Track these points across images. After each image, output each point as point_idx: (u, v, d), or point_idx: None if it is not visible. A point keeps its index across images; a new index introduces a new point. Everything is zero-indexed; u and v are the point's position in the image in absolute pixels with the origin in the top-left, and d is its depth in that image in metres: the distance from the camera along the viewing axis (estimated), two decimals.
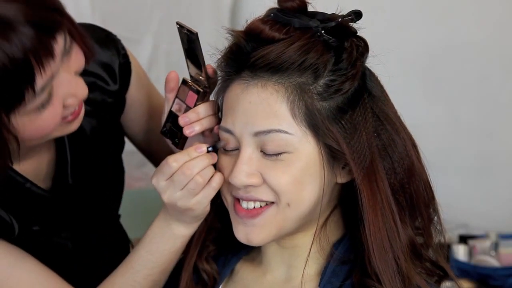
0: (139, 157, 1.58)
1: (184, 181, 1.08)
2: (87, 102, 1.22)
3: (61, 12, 1.08)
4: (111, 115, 1.38)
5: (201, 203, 1.10)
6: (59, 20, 1.06)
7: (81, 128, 1.28)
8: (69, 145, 1.29)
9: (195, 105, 1.14)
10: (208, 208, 1.12)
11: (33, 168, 1.25)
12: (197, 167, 1.08)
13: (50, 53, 1.04)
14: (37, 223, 1.27)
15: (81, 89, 1.14)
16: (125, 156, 1.51)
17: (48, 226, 1.28)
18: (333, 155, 1.04)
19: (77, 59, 1.12)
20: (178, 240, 1.16)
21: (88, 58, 1.14)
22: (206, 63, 1.13)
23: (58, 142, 1.29)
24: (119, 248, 1.48)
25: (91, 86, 1.31)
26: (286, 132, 1.02)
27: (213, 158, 1.10)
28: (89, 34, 1.30)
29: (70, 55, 1.10)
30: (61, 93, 1.10)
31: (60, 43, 1.06)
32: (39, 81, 1.04)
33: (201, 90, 1.14)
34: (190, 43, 1.12)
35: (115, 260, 1.25)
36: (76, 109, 1.15)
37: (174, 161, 1.08)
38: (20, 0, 1.02)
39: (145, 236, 1.18)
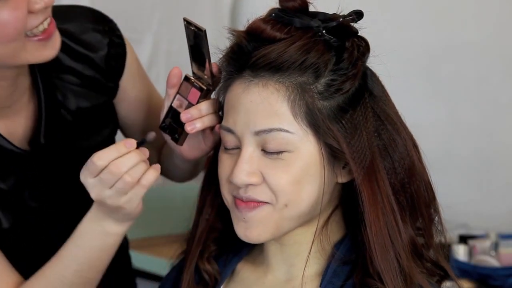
0: None
1: (112, 180, 1.07)
2: (76, 73, 1.20)
3: None
4: (102, 94, 1.35)
5: (131, 201, 1.09)
6: None
7: (63, 93, 1.26)
8: (45, 103, 1.25)
9: (197, 102, 1.14)
10: (140, 207, 1.11)
11: (8, 127, 1.22)
12: (125, 165, 1.07)
13: None
14: (4, 180, 1.23)
15: None
16: None
17: (16, 186, 1.24)
18: (333, 155, 1.04)
19: None
20: (110, 237, 1.15)
21: None
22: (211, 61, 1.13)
23: (37, 106, 1.25)
24: None
25: (82, 58, 1.28)
26: (287, 131, 1.03)
27: (144, 153, 1.09)
28: (81, 15, 1.30)
29: None
30: None
31: None
32: None
33: (205, 88, 1.14)
34: (196, 40, 1.12)
35: None
36: (46, 27, 1.11)
37: (99, 159, 1.07)
38: None
39: (76, 231, 1.17)
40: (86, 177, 1.09)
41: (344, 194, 1.11)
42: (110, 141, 1.40)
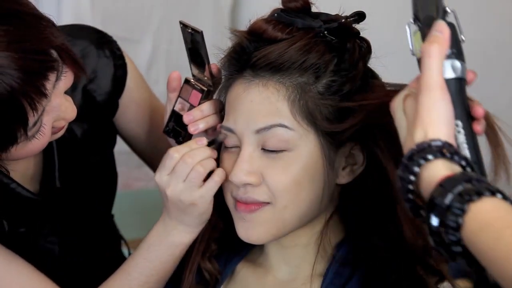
0: None
1: (186, 170, 1.07)
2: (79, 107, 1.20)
3: (54, 45, 1.03)
4: (103, 116, 1.36)
5: (205, 197, 1.09)
6: (52, 60, 1.03)
7: (72, 132, 1.27)
8: (57, 149, 1.26)
9: (199, 104, 1.15)
10: (211, 207, 1.11)
11: (19, 170, 1.22)
12: (198, 156, 1.08)
13: (42, 93, 1.01)
14: (23, 225, 1.25)
15: (70, 113, 1.12)
16: (125, 156, 1.51)
17: (34, 229, 1.27)
18: (336, 145, 1.04)
19: (67, 80, 1.08)
20: (178, 248, 1.15)
21: (78, 76, 1.11)
22: (210, 62, 1.13)
23: (46, 146, 1.26)
24: (109, 249, 1.47)
25: (83, 89, 1.29)
26: (287, 127, 1.02)
27: (213, 153, 1.10)
28: (84, 36, 1.28)
29: (60, 79, 1.06)
30: (51, 118, 1.08)
31: (52, 79, 1.03)
32: (31, 120, 1.02)
33: (205, 89, 1.15)
34: (194, 43, 1.12)
35: (105, 262, 1.24)
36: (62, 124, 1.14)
37: (175, 151, 1.09)
38: (9, 48, 0.98)
39: (143, 243, 1.17)
40: (162, 175, 1.09)
41: (344, 195, 1.11)
42: (111, 156, 1.42)
